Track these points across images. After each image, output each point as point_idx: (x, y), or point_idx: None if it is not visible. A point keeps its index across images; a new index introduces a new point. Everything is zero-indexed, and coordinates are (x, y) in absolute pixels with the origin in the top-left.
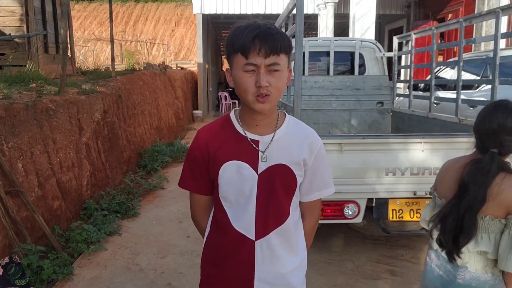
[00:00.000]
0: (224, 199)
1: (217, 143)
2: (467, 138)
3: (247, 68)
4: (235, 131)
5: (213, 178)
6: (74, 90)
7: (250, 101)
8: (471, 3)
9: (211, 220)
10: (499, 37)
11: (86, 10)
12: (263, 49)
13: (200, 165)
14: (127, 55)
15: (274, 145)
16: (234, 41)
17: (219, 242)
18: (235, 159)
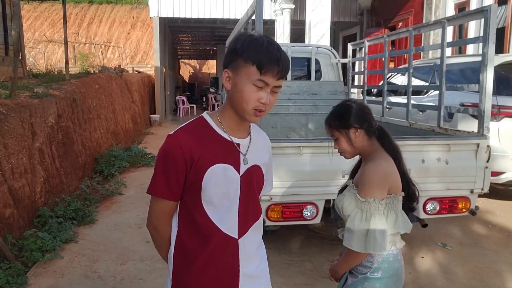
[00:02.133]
0: (207, 203)
1: (200, 147)
2: (417, 141)
3: (258, 84)
4: (216, 134)
5: (192, 183)
6: (26, 94)
7: (247, 112)
8: (420, 12)
9: (182, 227)
10: (445, 46)
11: (37, 11)
12: (279, 74)
13: (179, 170)
14: (81, 58)
15: (252, 148)
16: (252, 53)
17: (201, 248)
18: (220, 162)
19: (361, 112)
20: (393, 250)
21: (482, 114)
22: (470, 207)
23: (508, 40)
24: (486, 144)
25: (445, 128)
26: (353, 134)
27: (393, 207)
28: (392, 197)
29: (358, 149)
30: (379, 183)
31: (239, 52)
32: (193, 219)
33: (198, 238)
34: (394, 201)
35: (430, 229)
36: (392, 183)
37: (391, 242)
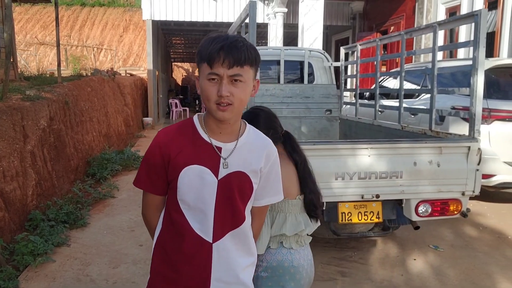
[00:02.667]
0: (182, 202)
1: (178, 146)
2: (409, 144)
3: (210, 77)
4: (198, 136)
5: (170, 180)
6: (18, 96)
7: (212, 109)
8: (411, 16)
9: (164, 221)
10: (437, 50)
11: (28, 13)
12: (226, 60)
13: (158, 165)
14: (73, 60)
15: (236, 153)
16: (202, 51)
17: (176, 245)
18: (197, 163)
19: (268, 119)
20: (282, 249)
21: (473, 117)
22: (461, 209)
23: (498, 44)
24: (477, 147)
25: (436, 131)
26: None
27: (283, 210)
28: (283, 201)
29: None
30: None
31: (197, 55)
32: (171, 217)
33: (175, 235)
34: (284, 205)
35: (422, 231)
36: (284, 188)
37: (277, 242)
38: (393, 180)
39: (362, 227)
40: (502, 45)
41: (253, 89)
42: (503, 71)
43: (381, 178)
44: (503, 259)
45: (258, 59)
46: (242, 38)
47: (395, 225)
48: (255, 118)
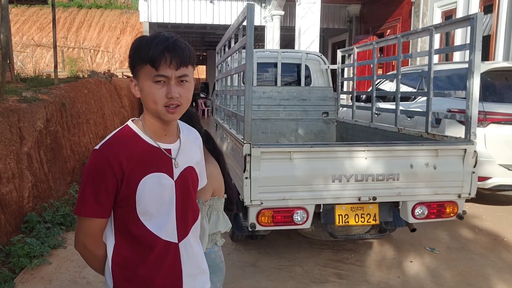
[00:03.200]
0: (143, 214)
1: (130, 159)
2: (406, 146)
3: (157, 79)
4: (144, 143)
5: (124, 196)
6: (14, 98)
7: (160, 112)
8: (407, 20)
9: (118, 240)
10: (433, 53)
11: (25, 14)
12: (174, 61)
13: (109, 186)
14: (69, 62)
15: (182, 151)
16: (141, 52)
17: (142, 258)
18: (154, 171)
19: (190, 119)
20: (214, 247)
21: (469, 120)
22: (457, 212)
23: (494, 48)
24: (473, 149)
25: (433, 134)
26: None
27: (215, 208)
28: (215, 199)
29: None
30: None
31: (133, 57)
32: (130, 232)
33: (138, 250)
34: (217, 203)
35: (418, 234)
36: (216, 185)
37: (212, 240)
38: (390, 182)
39: (359, 229)
40: (497, 48)
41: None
42: (499, 74)
43: (378, 180)
44: (499, 261)
45: (195, 57)
46: (178, 36)
47: (391, 227)
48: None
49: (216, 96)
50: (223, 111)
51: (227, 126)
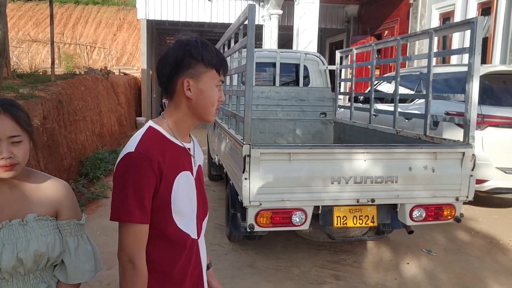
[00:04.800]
0: (177, 214)
1: (164, 158)
2: (405, 149)
3: (219, 83)
4: (171, 143)
5: (161, 197)
6: (11, 94)
7: (211, 114)
8: (405, 21)
9: (149, 246)
10: (433, 55)
11: (21, 10)
12: (227, 71)
13: (152, 187)
14: (66, 58)
15: (195, 149)
16: (209, 57)
17: (175, 259)
18: (183, 170)
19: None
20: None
21: (467, 123)
22: (455, 215)
23: (491, 50)
24: (472, 152)
25: (431, 136)
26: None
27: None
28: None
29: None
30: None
31: (198, 59)
32: (164, 233)
33: (172, 251)
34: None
35: (415, 236)
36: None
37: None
38: (388, 184)
39: (357, 230)
40: (494, 51)
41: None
42: (496, 78)
43: (377, 182)
44: (495, 264)
45: None
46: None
47: (389, 229)
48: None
49: None
50: (222, 111)
51: (225, 126)
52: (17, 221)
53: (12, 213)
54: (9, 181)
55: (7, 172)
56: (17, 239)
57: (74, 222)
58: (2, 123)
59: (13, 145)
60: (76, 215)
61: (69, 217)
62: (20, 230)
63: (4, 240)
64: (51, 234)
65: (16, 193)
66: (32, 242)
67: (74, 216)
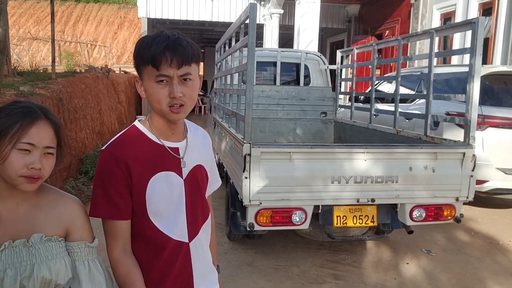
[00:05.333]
0: (154, 214)
1: (138, 158)
2: (405, 149)
3: (159, 79)
4: (152, 143)
5: (135, 197)
6: (12, 92)
7: (164, 112)
8: (406, 21)
9: (134, 246)
10: (434, 56)
11: (22, 7)
12: (174, 60)
13: (119, 185)
14: (66, 56)
15: (189, 149)
16: (143, 53)
17: (154, 259)
18: (162, 170)
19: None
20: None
21: (468, 123)
22: (455, 215)
23: (492, 51)
24: (472, 153)
25: (431, 137)
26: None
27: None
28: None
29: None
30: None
31: (136, 58)
32: (141, 233)
33: (149, 250)
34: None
35: (415, 236)
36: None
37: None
38: (388, 184)
39: (357, 230)
40: (495, 52)
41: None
42: (497, 78)
43: (377, 182)
44: (495, 265)
45: (200, 55)
46: (182, 35)
47: (389, 229)
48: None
49: (215, 94)
50: (222, 110)
51: (226, 124)
52: (21, 242)
53: (16, 232)
54: (17, 195)
55: (31, 185)
56: (20, 262)
57: (85, 245)
58: (42, 130)
59: (44, 156)
60: (88, 237)
61: (80, 238)
62: (24, 252)
63: (6, 264)
64: (59, 257)
65: (23, 209)
66: (37, 267)
67: (86, 238)
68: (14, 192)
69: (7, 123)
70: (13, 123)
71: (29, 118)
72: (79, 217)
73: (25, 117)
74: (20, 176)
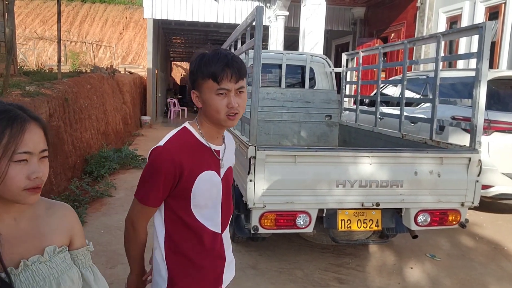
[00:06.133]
0: (195, 206)
1: (189, 157)
2: (411, 153)
3: (219, 92)
4: (200, 144)
5: (181, 190)
6: (18, 92)
7: (222, 120)
8: (412, 24)
9: (171, 227)
10: (440, 60)
11: (28, 7)
12: (234, 76)
13: (168, 182)
14: (72, 56)
15: (226, 152)
16: (204, 69)
17: (194, 245)
18: (208, 169)
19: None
20: None
21: (474, 128)
22: (460, 220)
23: (498, 55)
24: (478, 158)
25: (437, 141)
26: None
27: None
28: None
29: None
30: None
31: (195, 73)
32: (183, 222)
33: (191, 239)
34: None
35: (419, 240)
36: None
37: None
38: (393, 189)
39: (361, 234)
40: (502, 56)
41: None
42: (503, 83)
43: (382, 186)
44: (499, 270)
45: (247, 70)
46: (232, 53)
47: (393, 233)
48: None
49: None
50: None
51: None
52: (35, 258)
53: (26, 250)
54: (13, 210)
55: (35, 196)
56: (44, 280)
57: (87, 250)
58: (34, 134)
59: (40, 161)
60: (85, 242)
61: (81, 244)
62: (43, 268)
63: (29, 285)
64: (73, 267)
65: (23, 224)
66: (63, 280)
67: (84, 243)
68: (10, 208)
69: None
70: (1, 133)
71: (17, 124)
72: (77, 223)
73: (12, 123)
74: (23, 189)
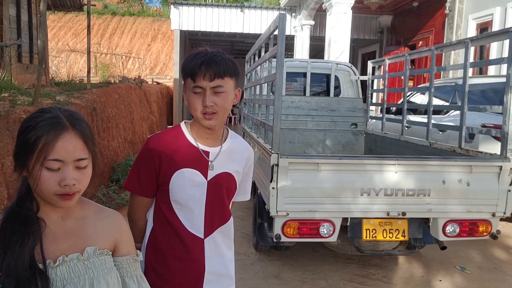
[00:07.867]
0: (175, 202)
1: (169, 151)
2: (438, 161)
3: (195, 90)
4: (187, 141)
5: (162, 183)
6: (48, 101)
7: (198, 118)
8: (440, 31)
9: (156, 220)
10: (468, 66)
11: (61, 21)
12: (207, 74)
13: (149, 169)
14: (102, 68)
15: (221, 156)
16: (186, 67)
17: (170, 242)
18: (188, 166)
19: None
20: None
21: (505, 136)
22: (491, 231)
23: None
24: (510, 166)
25: (466, 149)
26: None
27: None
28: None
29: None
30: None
31: (182, 73)
32: (164, 216)
33: (168, 234)
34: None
35: (448, 252)
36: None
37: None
38: (420, 198)
39: (387, 244)
40: None
41: (235, 97)
42: None
43: (408, 195)
44: None
45: (237, 70)
46: (220, 53)
47: (420, 244)
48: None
49: (244, 105)
50: (251, 120)
51: (254, 135)
52: (75, 256)
53: (68, 247)
54: (60, 209)
55: (66, 202)
56: (78, 277)
57: (133, 259)
58: (69, 143)
59: (77, 170)
60: (133, 251)
61: (127, 252)
62: (80, 266)
63: (63, 279)
64: (113, 271)
65: (69, 223)
66: (97, 281)
67: (132, 252)
68: (57, 207)
69: (33, 137)
70: (38, 138)
71: (54, 131)
72: (125, 231)
73: (50, 130)
74: (55, 194)
